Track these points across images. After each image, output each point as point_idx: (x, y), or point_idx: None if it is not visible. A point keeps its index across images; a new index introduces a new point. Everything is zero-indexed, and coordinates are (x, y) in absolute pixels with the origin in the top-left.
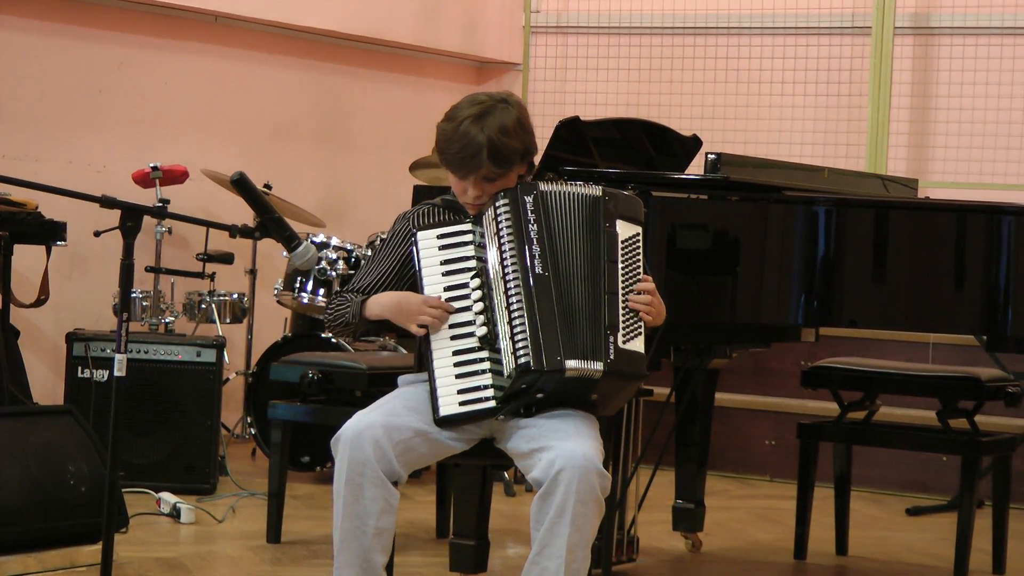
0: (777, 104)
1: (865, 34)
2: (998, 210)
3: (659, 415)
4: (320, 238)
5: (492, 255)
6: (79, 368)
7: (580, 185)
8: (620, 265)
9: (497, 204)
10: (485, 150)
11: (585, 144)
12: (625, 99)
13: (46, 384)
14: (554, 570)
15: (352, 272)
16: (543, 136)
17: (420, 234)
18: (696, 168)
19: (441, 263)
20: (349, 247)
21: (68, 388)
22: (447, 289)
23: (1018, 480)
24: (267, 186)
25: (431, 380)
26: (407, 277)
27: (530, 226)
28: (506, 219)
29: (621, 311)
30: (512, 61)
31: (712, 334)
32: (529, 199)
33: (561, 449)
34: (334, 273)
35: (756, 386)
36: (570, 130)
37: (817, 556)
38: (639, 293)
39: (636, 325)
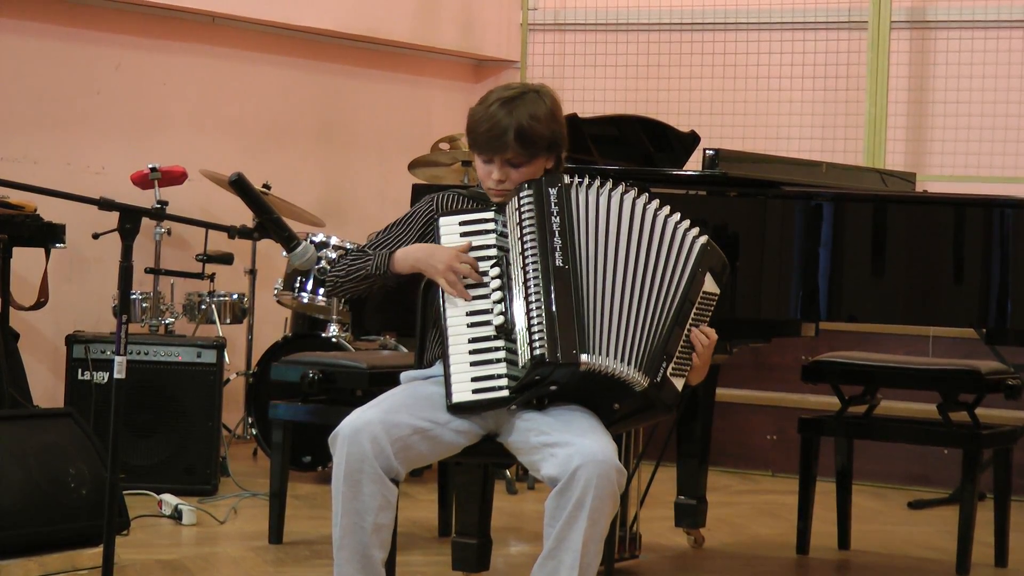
0: (775, 99)
1: (862, 28)
2: (996, 203)
3: None
4: (319, 237)
5: (513, 245)
6: (79, 370)
7: (690, 229)
8: (695, 310)
9: (521, 195)
10: (512, 131)
11: (584, 141)
12: (623, 96)
13: (46, 387)
14: (569, 564)
15: None
16: None
17: (442, 219)
18: (694, 164)
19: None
20: (349, 246)
21: (68, 390)
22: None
23: (1019, 472)
24: (266, 186)
25: (445, 366)
26: None
27: (552, 218)
28: (528, 209)
29: (680, 346)
30: (510, 59)
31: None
32: (553, 191)
33: (579, 446)
34: None
35: (757, 381)
36: (568, 128)
37: (819, 550)
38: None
39: (686, 366)
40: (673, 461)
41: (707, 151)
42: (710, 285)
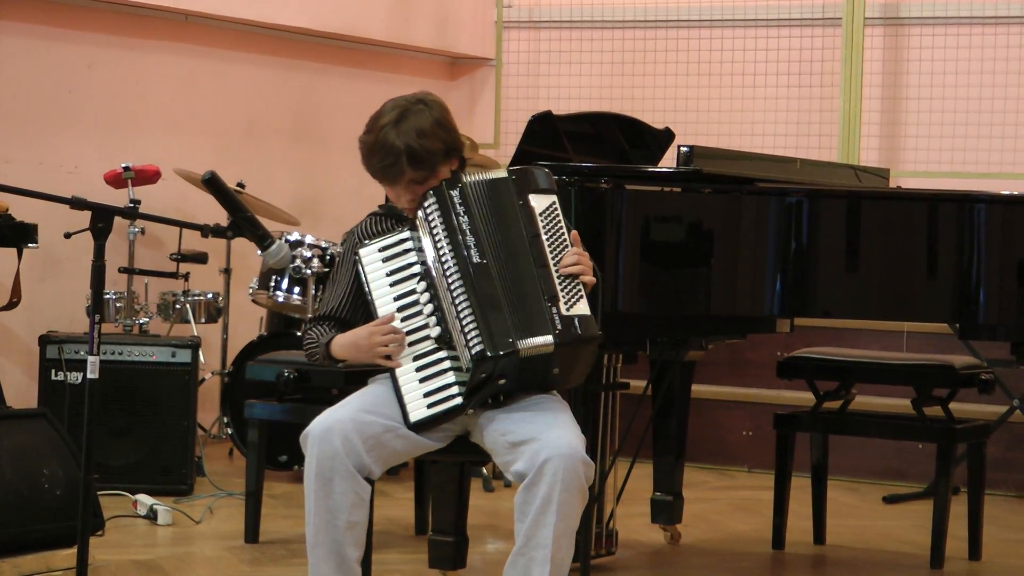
0: (749, 96)
1: (836, 25)
2: (969, 198)
3: (636, 408)
4: (295, 236)
5: (430, 254)
6: (52, 370)
7: (490, 171)
8: (544, 237)
9: (426, 204)
10: (404, 156)
11: (558, 138)
12: (598, 93)
13: (19, 387)
14: (540, 560)
15: (327, 270)
16: (517, 131)
17: (362, 252)
18: (669, 161)
19: (387, 275)
20: (324, 245)
21: (42, 391)
22: (397, 299)
23: (993, 466)
24: (240, 185)
25: (396, 389)
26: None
27: (460, 218)
28: (436, 215)
29: (556, 280)
30: (485, 56)
31: (687, 326)
32: (455, 192)
33: (546, 439)
34: (309, 271)
35: (732, 377)
36: (543, 125)
37: (795, 545)
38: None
39: (576, 290)
40: (649, 457)
41: (681, 148)
42: (541, 201)
